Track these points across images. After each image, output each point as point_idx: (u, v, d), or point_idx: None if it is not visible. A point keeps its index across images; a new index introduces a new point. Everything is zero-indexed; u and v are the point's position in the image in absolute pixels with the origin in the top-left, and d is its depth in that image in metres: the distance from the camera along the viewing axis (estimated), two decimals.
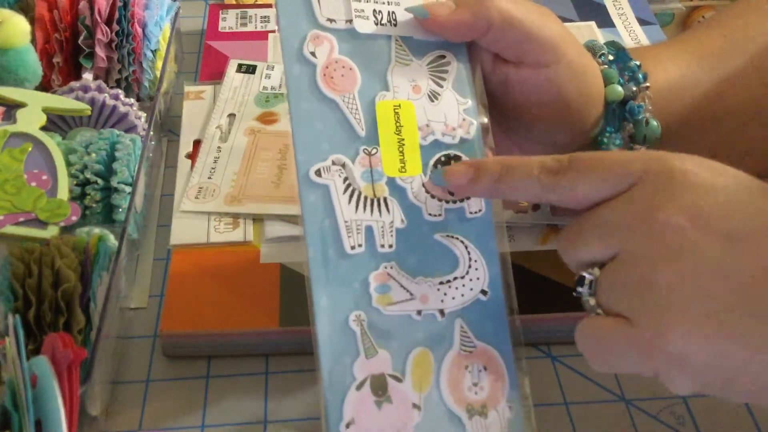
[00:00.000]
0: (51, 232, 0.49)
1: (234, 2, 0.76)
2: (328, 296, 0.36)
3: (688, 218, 0.31)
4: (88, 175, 0.52)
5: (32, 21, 0.59)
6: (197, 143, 0.58)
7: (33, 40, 0.59)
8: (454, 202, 0.39)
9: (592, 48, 0.45)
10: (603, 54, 0.45)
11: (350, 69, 0.39)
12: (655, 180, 0.32)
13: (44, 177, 0.51)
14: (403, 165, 0.38)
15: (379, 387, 0.35)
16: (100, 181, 0.52)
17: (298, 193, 0.36)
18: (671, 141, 0.44)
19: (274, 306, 0.48)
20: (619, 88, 0.44)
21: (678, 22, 0.79)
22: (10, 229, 0.49)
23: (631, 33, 0.72)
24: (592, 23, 0.72)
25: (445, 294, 0.38)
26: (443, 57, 0.41)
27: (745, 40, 0.48)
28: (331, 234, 0.36)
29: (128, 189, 0.52)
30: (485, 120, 0.41)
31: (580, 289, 0.34)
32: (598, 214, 0.34)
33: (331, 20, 0.39)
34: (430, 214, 0.38)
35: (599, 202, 0.34)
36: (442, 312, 0.37)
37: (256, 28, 0.72)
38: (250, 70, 0.65)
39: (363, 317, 0.36)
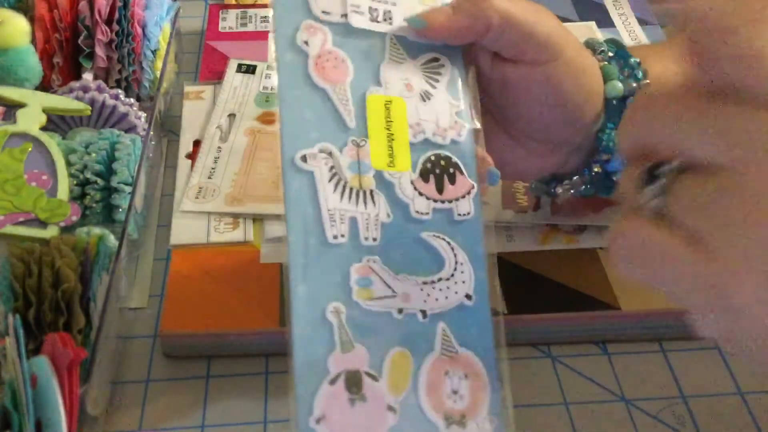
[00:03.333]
0: (51, 232, 0.49)
1: (234, 2, 0.76)
2: (306, 285, 0.34)
3: None
4: (88, 175, 0.52)
5: (32, 21, 0.59)
6: (197, 143, 0.58)
7: (33, 40, 0.59)
8: (443, 202, 0.38)
9: (591, 45, 0.45)
10: (602, 51, 0.45)
11: (342, 61, 0.38)
12: None
13: (44, 177, 0.51)
14: (391, 159, 0.38)
15: (354, 384, 0.34)
16: (100, 181, 0.52)
17: (282, 178, 0.36)
18: None
19: (274, 306, 0.48)
20: (619, 84, 0.44)
21: None
22: (10, 229, 0.49)
23: (631, 33, 0.72)
24: (592, 23, 0.72)
25: (428, 294, 0.36)
26: (437, 59, 0.40)
27: None
28: (314, 222, 0.35)
29: (128, 189, 0.52)
30: (478, 125, 0.40)
31: (651, 187, 0.28)
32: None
33: (325, 12, 0.39)
34: (417, 212, 0.37)
35: None
36: (424, 313, 0.36)
37: (256, 28, 0.72)
38: (250, 70, 0.65)
39: (341, 309, 0.35)
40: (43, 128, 0.54)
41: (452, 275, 0.37)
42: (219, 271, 0.50)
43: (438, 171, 0.38)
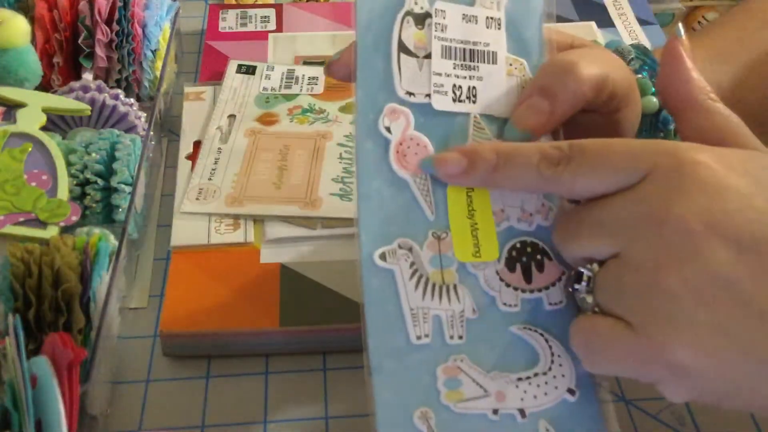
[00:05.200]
0: (51, 232, 0.49)
1: (234, 2, 0.76)
2: (391, 391, 0.33)
3: (699, 223, 0.29)
4: (88, 175, 0.52)
5: (32, 21, 0.59)
6: (197, 144, 0.58)
7: (33, 40, 0.59)
8: (531, 291, 0.36)
9: (620, 52, 0.44)
10: (632, 59, 0.43)
11: (424, 147, 0.36)
12: (666, 177, 0.31)
13: (44, 177, 0.51)
14: (477, 250, 0.35)
15: None
16: (100, 181, 0.52)
17: (361, 277, 0.34)
18: None
19: (274, 306, 0.47)
20: (655, 100, 0.42)
21: (678, 22, 0.79)
22: (10, 229, 0.49)
23: (631, 33, 0.72)
24: (592, 23, 0.72)
25: (525, 392, 0.34)
26: None
27: (760, 42, 0.47)
28: (395, 323, 0.34)
29: (128, 189, 0.52)
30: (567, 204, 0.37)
31: (577, 286, 0.33)
32: (602, 209, 0.32)
33: (410, 93, 0.36)
34: (504, 304, 0.35)
35: (602, 195, 0.32)
36: (522, 412, 0.34)
37: (256, 28, 0.72)
38: (250, 70, 0.65)
39: (430, 414, 0.33)
40: (43, 128, 0.54)
41: (549, 369, 0.35)
42: (219, 271, 0.50)
43: (525, 259, 0.36)
